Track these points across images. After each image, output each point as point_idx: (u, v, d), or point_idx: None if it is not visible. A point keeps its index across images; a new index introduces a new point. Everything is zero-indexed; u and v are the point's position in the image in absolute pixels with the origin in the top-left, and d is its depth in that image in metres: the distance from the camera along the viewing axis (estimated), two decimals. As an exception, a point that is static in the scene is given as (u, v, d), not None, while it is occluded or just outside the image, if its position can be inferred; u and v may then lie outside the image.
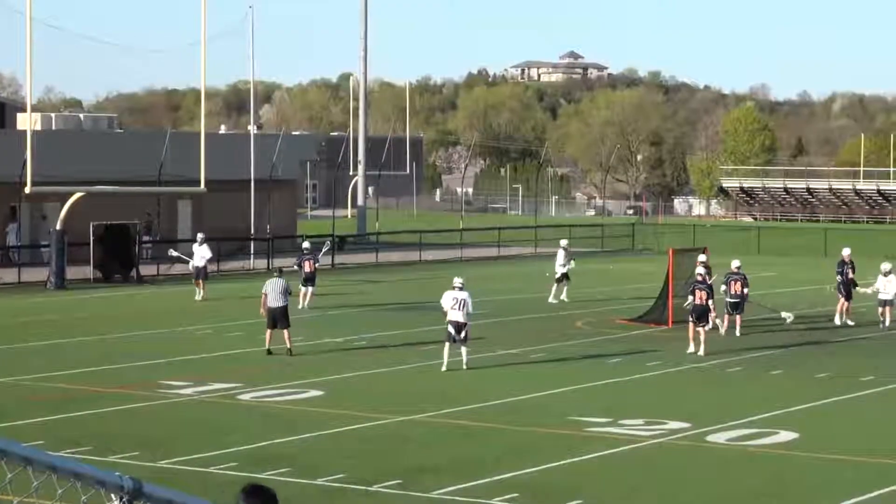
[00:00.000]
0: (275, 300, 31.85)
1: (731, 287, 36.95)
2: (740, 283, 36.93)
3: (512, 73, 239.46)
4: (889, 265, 38.61)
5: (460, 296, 29.71)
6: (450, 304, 29.65)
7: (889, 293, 37.88)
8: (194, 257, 45.10)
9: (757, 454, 21.46)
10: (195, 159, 52.94)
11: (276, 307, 31.76)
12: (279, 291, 31.90)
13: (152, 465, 19.72)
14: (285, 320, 31.68)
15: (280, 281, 32.23)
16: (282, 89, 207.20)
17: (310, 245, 44.62)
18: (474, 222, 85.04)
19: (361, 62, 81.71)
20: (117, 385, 27.26)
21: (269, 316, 31.83)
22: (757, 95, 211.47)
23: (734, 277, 37.16)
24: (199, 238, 46.27)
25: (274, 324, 31.63)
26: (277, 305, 31.77)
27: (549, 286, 45.69)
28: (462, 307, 29.50)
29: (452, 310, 29.51)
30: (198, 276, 44.89)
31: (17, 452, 4.30)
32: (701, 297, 32.89)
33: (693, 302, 32.97)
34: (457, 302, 29.54)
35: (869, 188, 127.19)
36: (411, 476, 19.35)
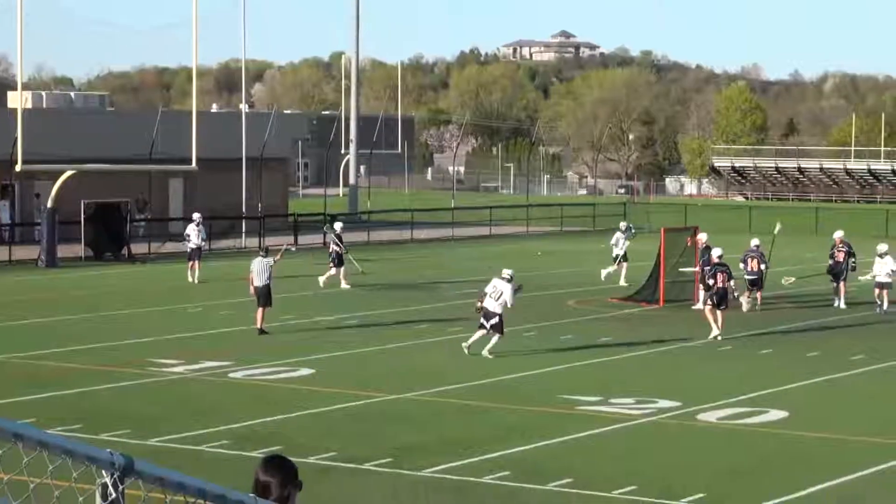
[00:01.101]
0: (259, 279, 31.90)
1: (749, 264, 37.51)
2: (757, 261, 37.55)
3: (504, 52, 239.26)
4: (885, 246, 38.47)
5: (500, 285, 29.08)
6: (489, 291, 29.16)
7: (883, 274, 37.57)
8: (191, 238, 44.48)
9: (747, 433, 21.52)
10: (186, 138, 52.89)
11: (259, 286, 31.82)
12: (263, 270, 31.93)
13: (143, 443, 19.74)
14: (267, 299, 31.69)
15: (265, 260, 32.26)
16: (273, 68, 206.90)
17: (341, 225, 44.36)
18: (466, 201, 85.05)
19: (353, 41, 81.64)
20: (108, 363, 27.27)
21: (256, 295, 31.88)
22: (749, 75, 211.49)
23: (752, 255, 37.73)
24: (196, 218, 45.53)
25: (261, 302, 31.66)
26: (260, 284, 31.82)
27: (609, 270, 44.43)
28: (499, 297, 28.91)
29: (489, 297, 28.98)
30: (193, 258, 44.30)
31: (8, 429, 4.31)
32: (723, 280, 32.70)
33: (715, 285, 32.70)
34: (495, 290, 28.98)
35: (860, 168, 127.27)
36: (402, 454, 19.39)
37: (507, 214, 75.53)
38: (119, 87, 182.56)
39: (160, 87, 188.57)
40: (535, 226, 73.69)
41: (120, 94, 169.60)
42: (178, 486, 4.72)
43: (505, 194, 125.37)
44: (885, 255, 37.60)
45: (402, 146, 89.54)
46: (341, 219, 48.62)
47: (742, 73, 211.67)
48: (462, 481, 18.06)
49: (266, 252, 33.34)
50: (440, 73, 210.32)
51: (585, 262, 53.42)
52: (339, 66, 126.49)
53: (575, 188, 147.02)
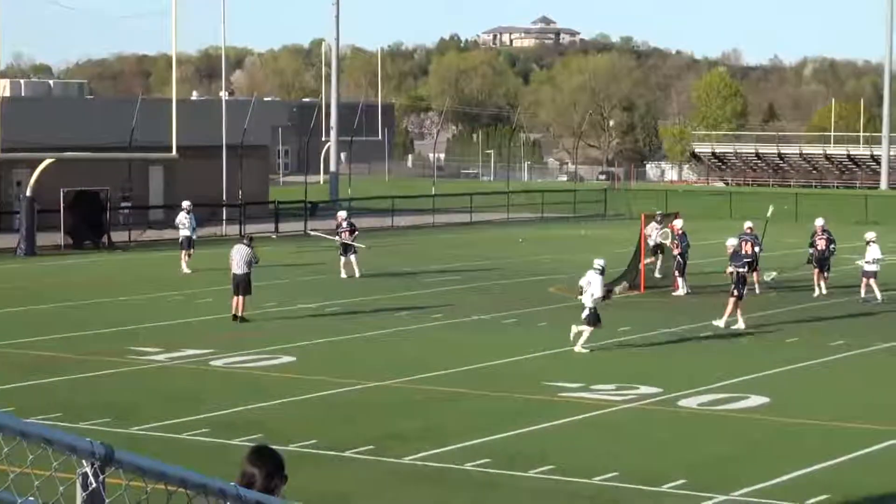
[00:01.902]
0: (237, 266, 31.82)
1: (744, 248, 37.57)
2: (751, 244, 37.67)
3: (484, 38, 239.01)
4: (872, 234, 38.13)
5: (592, 277, 28.45)
6: (583, 284, 28.54)
7: (871, 261, 37.09)
8: (185, 226, 43.75)
9: (728, 418, 21.57)
10: (166, 126, 52.78)
11: (237, 273, 31.74)
12: (242, 259, 31.83)
13: (124, 432, 19.71)
14: (246, 287, 31.59)
15: (245, 248, 32.14)
16: (253, 55, 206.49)
17: (346, 214, 43.86)
18: (446, 188, 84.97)
19: (333, 28, 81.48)
20: (88, 352, 27.21)
21: (233, 282, 31.82)
22: (728, 60, 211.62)
23: (746, 238, 37.86)
24: (186, 206, 44.39)
25: (237, 290, 31.59)
26: (239, 272, 31.73)
27: None
28: (588, 288, 28.38)
29: (585, 293, 28.44)
30: (188, 246, 43.21)
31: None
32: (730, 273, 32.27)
33: None
34: (588, 283, 28.42)
35: (839, 153, 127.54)
36: (383, 442, 19.39)
37: (488, 201, 75.51)
38: (98, 74, 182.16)
39: (140, 74, 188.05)
40: (515, 212, 73.72)
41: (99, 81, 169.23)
42: (158, 474, 4.71)
43: (485, 181, 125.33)
44: (871, 242, 37.34)
45: (383, 133, 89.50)
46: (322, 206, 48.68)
47: (722, 59, 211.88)
48: (443, 468, 18.08)
49: (250, 240, 33.20)
50: (420, 60, 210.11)
51: (565, 248, 53.45)
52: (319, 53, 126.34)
53: (556, 174, 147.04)
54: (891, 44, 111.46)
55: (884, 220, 66.28)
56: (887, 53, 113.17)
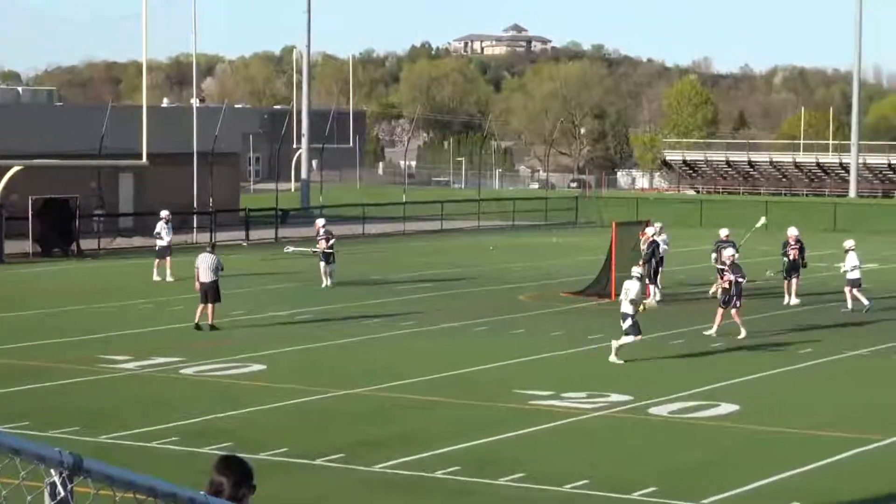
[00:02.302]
0: (205, 275, 31.70)
1: (721, 255, 37.68)
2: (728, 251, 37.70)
3: (455, 46, 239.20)
4: (850, 242, 37.90)
5: (629, 284, 28.37)
6: (622, 294, 28.56)
7: (850, 269, 36.75)
8: (162, 236, 42.90)
9: (698, 426, 21.61)
10: (137, 133, 52.61)
11: (206, 282, 31.63)
12: (209, 266, 31.73)
13: (93, 441, 19.63)
14: (215, 295, 31.49)
15: (211, 256, 32.04)
16: (224, 62, 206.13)
17: (323, 221, 43.30)
18: (417, 195, 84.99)
19: (305, 35, 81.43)
20: (57, 360, 27.08)
21: (201, 291, 31.70)
22: (699, 69, 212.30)
23: (722, 245, 37.94)
24: (164, 215, 43.62)
25: (205, 298, 31.48)
26: (207, 280, 31.62)
27: None
28: (625, 296, 28.30)
29: (624, 300, 28.33)
30: (164, 255, 42.57)
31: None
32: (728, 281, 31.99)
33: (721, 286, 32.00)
34: (626, 291, 28.34)
35: (808, 161, 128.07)
36: (355, 450, 19.36)
37: (459, 209, 75.57)
38: (68, 81, 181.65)
39: (110, 81, 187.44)
40: (486, 220, 73.77)
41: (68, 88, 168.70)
42: (127, 483, 4.68)
43: (456, 189, 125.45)
44: (850, 250, 37.12)
45: (354, 141, 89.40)
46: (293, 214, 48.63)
47: (693, 67, 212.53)
48: (414, 476, 18.06)
49: (213, 248, 33.13)
50: (391, 68, 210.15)
51: (536, 256, 53.52)
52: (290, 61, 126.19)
53: (527, 182, 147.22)
54: (860, 52, 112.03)
55: (852, 229, 66.52)
56: (856, 62, 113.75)
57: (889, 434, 20.88)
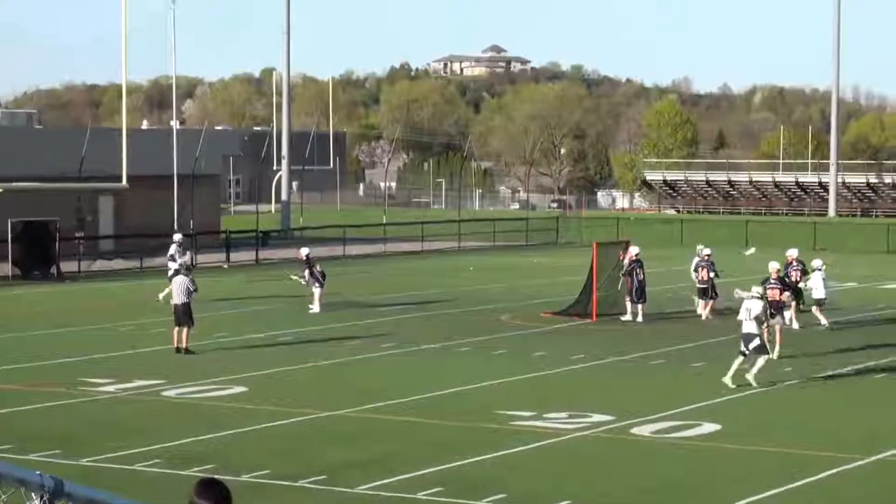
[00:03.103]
0: (177, 296, 31.60)
1: (700, 273, 37.91)
2: (707, 270, 38.03)
3: (435, 67, 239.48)
4: (818, 261, 37.93)
5: (752, 305, 27.60)
6: (742, 316, 27.70)
7: (814, 289, 36.87)
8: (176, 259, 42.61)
9: (680, 446, 21.62)
10: (117, 155, 52.60)
11: (177, 304, 31.51)
12: (180, 289, 31.61)
13: (75, 464, 19.55)
14: (186, 318, 31.32)
15: (183, 278, 31.92)
16: (204, 84, 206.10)
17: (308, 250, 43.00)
18: (398, 216, 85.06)
19: (284, 57, 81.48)
20: (37, 383, 26.99)
21: (174, 313, 31.59)
22: (679, 88, 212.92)
23: (703, 265, 38.16)
24: (177, 239, 43.42)
25: (178, 321, 31.35)
26: (178, 302, 31.50)
27: None
28: (748, 316, 27.52)
29: (746, 321, 27.51)
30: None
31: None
32: (773, 295, 31.66)
33: None
34: (748, 312, 27.53)
35: (788, 180, 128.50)
36: (336, 471, 19.33)
37: (439, 230, 75.58)
38: (47, 104, 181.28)
39: (89, 104, 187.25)
40: (467, 241, 73.80)
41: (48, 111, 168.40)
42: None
43: (437, 209, 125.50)
44: (816, 269, 37.24)
45: (334, 162, 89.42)
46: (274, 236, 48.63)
47: (672, 87, 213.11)
48: (396, 498, 18.02)
49: (188, 269, 33.04)
50: (371, 89, 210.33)
51: (517, 276, 53.55)
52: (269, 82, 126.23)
53: (507, 203, 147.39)
54: (838, 72, 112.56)
55: (832, 247, 66.75)
56: (835, 81, 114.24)
57: (870, 453, 20.92)
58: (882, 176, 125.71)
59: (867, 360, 30.87)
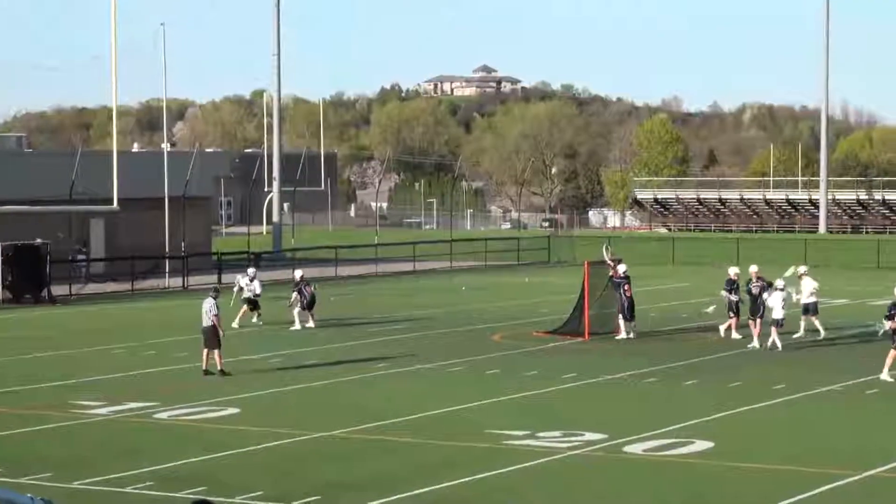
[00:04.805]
0: (204, 319, 31.56)
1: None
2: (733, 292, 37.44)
3: (425, 87, 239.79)
4: (781, 281, 37.25)
5: None
6: None
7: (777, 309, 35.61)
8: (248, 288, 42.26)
9: (673, 464, 21.61)
10: (108, 178, 52.57)
11: (203, 327, 31.49)
12: (206, 312, 31.55)
13: (66, 487, 19.51)
14: (211, 340, 31.24)
15: (210, 300, 31.76)
16: (195, 106, 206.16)
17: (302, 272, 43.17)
18: (389, 237, 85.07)
19: (274, 78, 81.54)
20: (29, 406, 26.95)
21: (202, 336, 31.53)
22: (669, 107, 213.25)
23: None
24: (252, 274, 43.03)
25: (207, 343, 31.31)
26: (203, 325, 31.50)
27: None
28: None
29: None
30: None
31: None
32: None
33: None
34: None
35: (778, 197, 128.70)
36: (330, 492, 19.31)
37: (431, 250, 75.59)
38: (37, 127, 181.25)
39: (80, 127, 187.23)
40: (459, 260, 73.80)
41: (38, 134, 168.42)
42: (101, 530, 4.67)
43: (428, 230, 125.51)
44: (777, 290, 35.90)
45: (326, 183, 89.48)
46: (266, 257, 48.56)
47: (663, 105, 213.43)
48: (390, 518, 17.99)
49: (216, 292, 32.83)
50: (362, 110, 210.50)
51: (509, 295, 53.54)
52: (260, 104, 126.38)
53: (499, 222, 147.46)
54: (828, 89, 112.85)
55: (823, 264, 66.79)
56: (825, 99, 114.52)
57: (862, 469, 20.93)
58: (872, 192, 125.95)
59: (858, 377, 30.88)
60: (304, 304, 41.40)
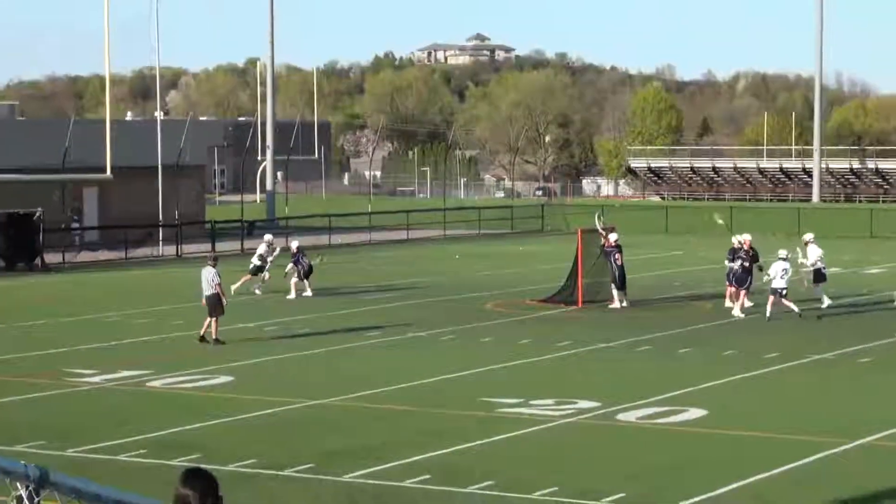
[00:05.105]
0: (205, 288, 31.56)
1: None
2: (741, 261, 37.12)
3: (419, 56, 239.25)
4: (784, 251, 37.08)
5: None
6: None
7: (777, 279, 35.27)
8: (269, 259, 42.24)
9: (666, 432, 21.66)
10: (101, 146, 52.47)
11: (207, 295, 31.46)
12: (207, 280, 31.52)
13: (60, 454, 19.53)
14: (212, 309, 31.26)
15: (210, 269, 31.75)
16: (188, 75, 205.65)
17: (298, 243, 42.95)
18: (383, 206, 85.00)
19: (268, 47, 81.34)
20: (22, 374, 26.96)
21: (206, 305, 31.49)
22: (663, 76, 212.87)
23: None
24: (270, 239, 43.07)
25: (210, 312, 31.29)
26: (205, 294, 31.50)
27: None
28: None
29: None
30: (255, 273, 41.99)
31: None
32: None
33: None
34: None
35: (772, 166, 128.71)
36: (323, 460, 19.33)
37: (425, 218, 75.56)
38: (29, 96, 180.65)
39: (73, 95, 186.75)
40: (452, 229, 73.79)
41: (30, 102, 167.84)
42: (94, 496, 4.66)
43: (422, 198, 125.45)
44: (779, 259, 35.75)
45: (319, 152, 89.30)
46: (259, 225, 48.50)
47: (656, 74, 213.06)
48: (383, 486, 18.04)
49: (214, 260, 32.81)
50: (355, 78, 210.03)
51: (503, 264, 53.57)
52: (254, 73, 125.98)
53: (492, 191, 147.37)
54: (821, 57, 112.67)
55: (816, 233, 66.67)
56: (818, 67, 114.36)
57: (855, 437, 20.99)
58: (865, 162, 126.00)
59: (851, 346, 30.94)
60: (300, 273, 41.50)
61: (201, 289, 31.74)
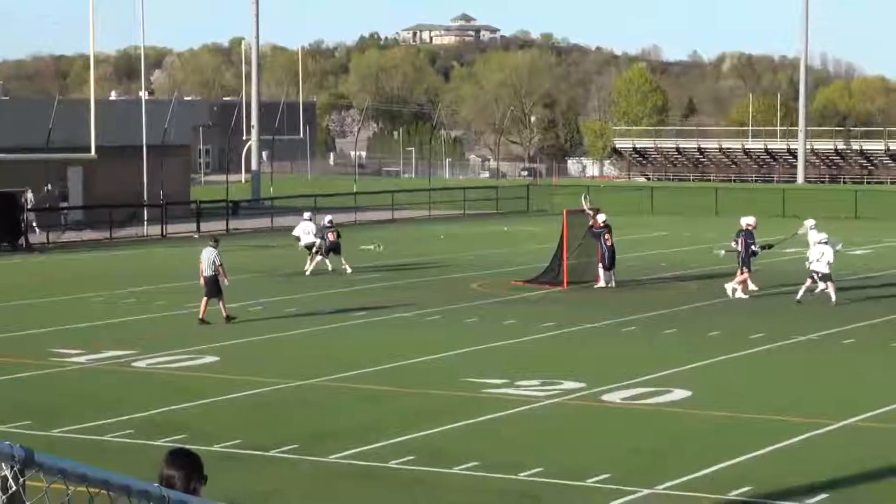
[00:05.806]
0: (205, 269, 31.48)
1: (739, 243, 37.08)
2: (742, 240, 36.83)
3: (404, 36, 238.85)
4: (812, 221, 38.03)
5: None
6: None
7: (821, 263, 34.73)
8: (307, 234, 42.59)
9: (651, 412, 21.69)
10: (85, 126, 52.33)
11: (207, 276, 31.38)
12: (207, 261, 31.45)
13: (46, 435, 19.51)
14: (212, 289, 31.18)
15: (211, 250, 31.66)
16: (173, 54, 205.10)
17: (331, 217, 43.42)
18: (368, 186, 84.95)
19: (253, 26, 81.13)
20: (6, 354, 26.90)
21: (204, 285, 31.40)
22: (648, 56, 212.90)
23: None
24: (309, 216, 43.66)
25: (208, 293, 31.23)
26: (204, 274, 31.42)
27: None
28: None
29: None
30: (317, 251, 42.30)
31: None
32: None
33: None
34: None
35: (757, 147, 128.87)
36: (308, 441, 19.33)
37: (410, 199, 75.52)
38: (14, 75, 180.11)
39: (57, 75, 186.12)
40: (437, 209, 73.77)
41: (15, 82, 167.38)
42: (80, 477, 4.65)
43: (407, 178, 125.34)
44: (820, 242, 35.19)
45: (304, 131, 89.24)
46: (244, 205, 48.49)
47: (642, 55, 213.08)
48: (368, 467, 18.05)
49: (215, 241, 32.71)
50: (340, 58, 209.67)
51: (488, 244, 53.57)
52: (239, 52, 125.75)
53: (477, 171, 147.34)
54: (807, 38, 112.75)
55: (801, 214, 66.87)
56: (804, 48, 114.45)
57: (840, 418, 21.04)
58: (850, 143, 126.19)
59: (837, 326, 31.00)
60: (323, 249, 41.38)
61: (200, 269, 31.64)
